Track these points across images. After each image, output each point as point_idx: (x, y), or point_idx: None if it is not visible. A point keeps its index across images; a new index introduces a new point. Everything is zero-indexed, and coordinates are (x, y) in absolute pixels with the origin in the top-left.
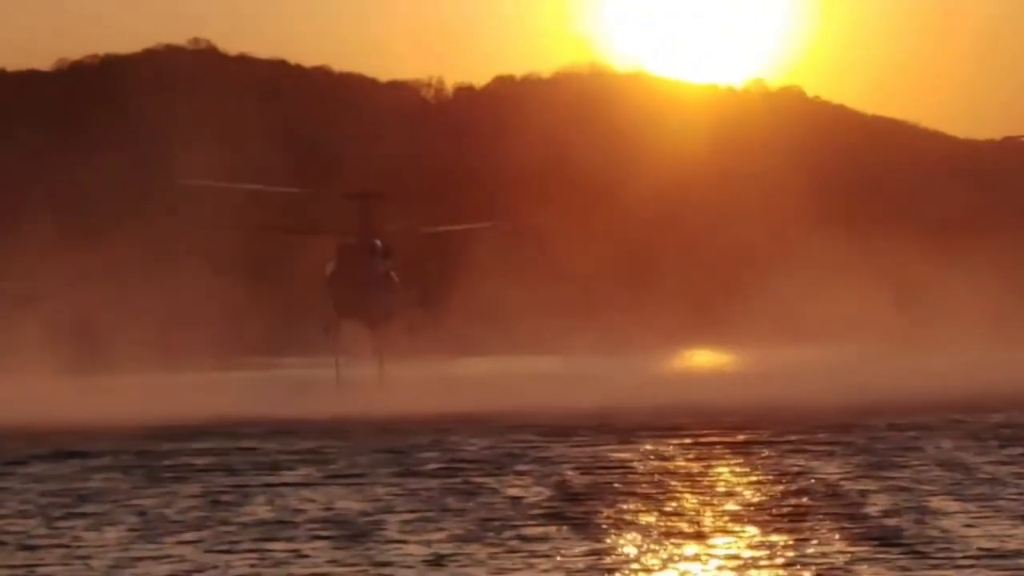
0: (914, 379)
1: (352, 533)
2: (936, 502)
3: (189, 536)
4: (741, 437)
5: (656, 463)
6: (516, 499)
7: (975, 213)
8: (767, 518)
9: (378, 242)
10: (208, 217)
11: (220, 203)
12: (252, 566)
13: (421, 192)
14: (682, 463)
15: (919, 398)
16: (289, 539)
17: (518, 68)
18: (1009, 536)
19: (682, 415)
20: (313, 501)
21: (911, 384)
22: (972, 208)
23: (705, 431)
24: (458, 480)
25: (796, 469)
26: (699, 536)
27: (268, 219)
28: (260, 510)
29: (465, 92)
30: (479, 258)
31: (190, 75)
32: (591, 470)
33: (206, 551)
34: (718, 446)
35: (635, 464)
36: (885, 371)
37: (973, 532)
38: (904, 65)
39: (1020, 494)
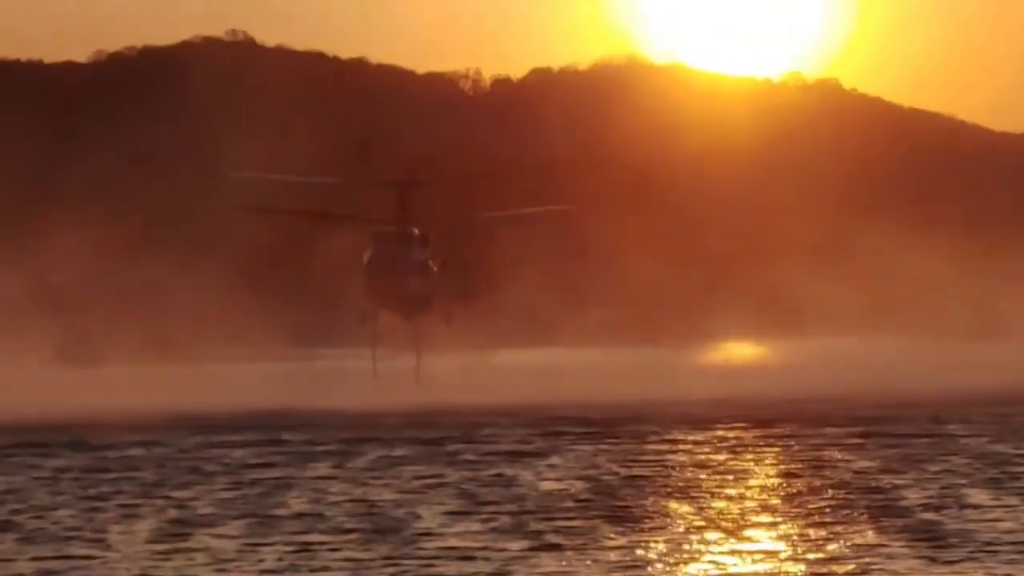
0: (953, 373)
1: (383, 527)
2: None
3: (222, 529)
4: (779, 430)
5: (688, 456)
6: (549, 492)
7: (1013, 207)
8: (802, 511)
9: (415, 230)
10: (249, 206)
11: (261, 192)
12: (279, 559)
13: (461, 180)
14: (716, 456)
15: (959, 391)
16: (321, 531)
17: (555, 60)
18: None
19: (721, 407)
20: (346, 494)
21: (948, 377)
22: (1010, 202)
23: (742, 423)
24: (492, 472)
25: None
26: (731, 530)
27: (307, 208)
28: (293, 502)
29: (502, 84)
30: (520, 248)
31: (228, 67)
32: (626, 463)
33: (240, 544)
34: (756, 439)
35: (669, 457)
36: (923, 363)
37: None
38: (941, 58)
39: None
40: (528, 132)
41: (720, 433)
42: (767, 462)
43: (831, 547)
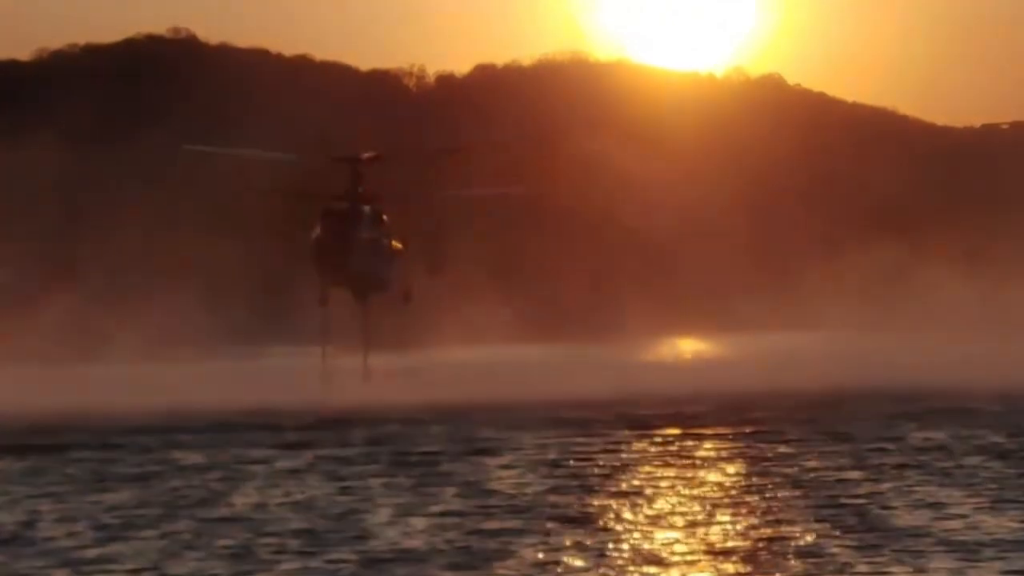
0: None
1: (330, 529)
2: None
3: (153, 533)
4: (748, 429)
5: (638, 454)
6: (498, 492)
7: (952, 199)
8: (756, 508)
9: (367, 207)
10: (202, 186)
11: (214, 174)
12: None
13: (416, 157)
14: (673, 450)
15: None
16: (269, 534)
17: (500, 56)
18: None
19: (676, 404)
20: (294, 493)
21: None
22: (949, 194)
23: (699, 422)
24: (438, 470)
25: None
26: (683, 527)
27: (260, 188)
28: (238, 503)
29: (447, 80)
30: (472, 234)
31: (171, 64)
32: (582, 461)
33: (175, 547)
34: (710, 437)
35: (619, 454)
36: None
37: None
38: (884, 52)
39: None
40: (473, 129)
41: (660, 431)
42: (709, 462)
43: (775, 547)
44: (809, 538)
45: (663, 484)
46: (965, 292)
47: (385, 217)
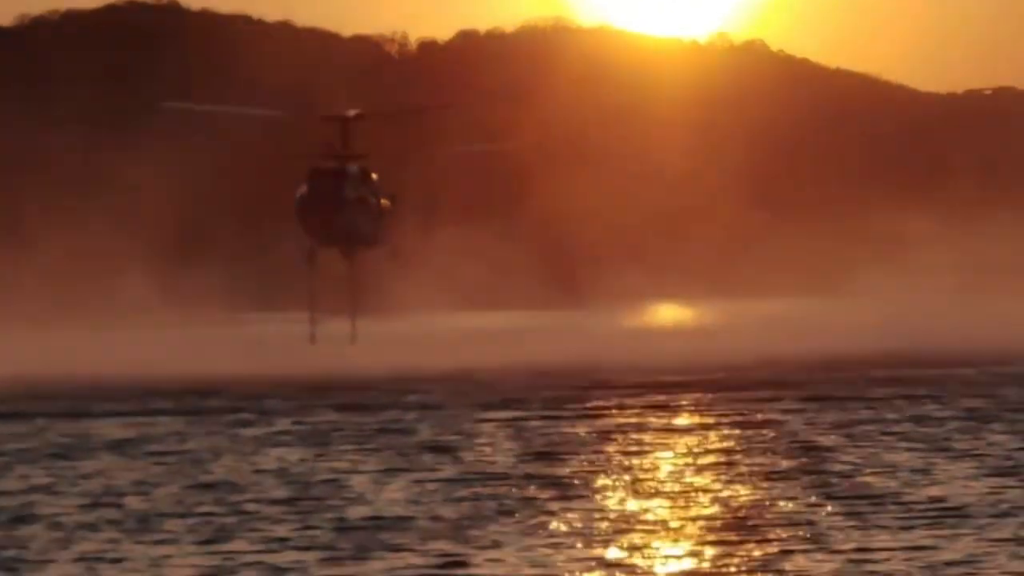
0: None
1: (313, 496)
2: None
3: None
4: (710, 394)
5: (619, 421)
6: (484, 460)
7: (936, 164)
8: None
9: (354, 166)
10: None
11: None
12: (195, 529)
13: (405, 114)
14: (653, 419)
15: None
16: (248, 501)
17: (482, 22)
18: None
19: (655, 372)
20: (279, 460)
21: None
22: (933, 159)
23: (680, 386)
24: (423, 439)
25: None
26: (669, 496)
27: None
28: (219, 469)
29: (429, 47)
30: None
31: (153, 30)
32: (566, 430)
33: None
34: (690, 402)
35: (604, 424)
36: (846, 323)
37: None
38: (867, 18)
39: None
40: (455, 95)
41: (651, 398)
42: (690, 430)
43: (754, 521)
44: (793, 505)
45: (644, 451)
46: (951, 255)
47: (375, 175)
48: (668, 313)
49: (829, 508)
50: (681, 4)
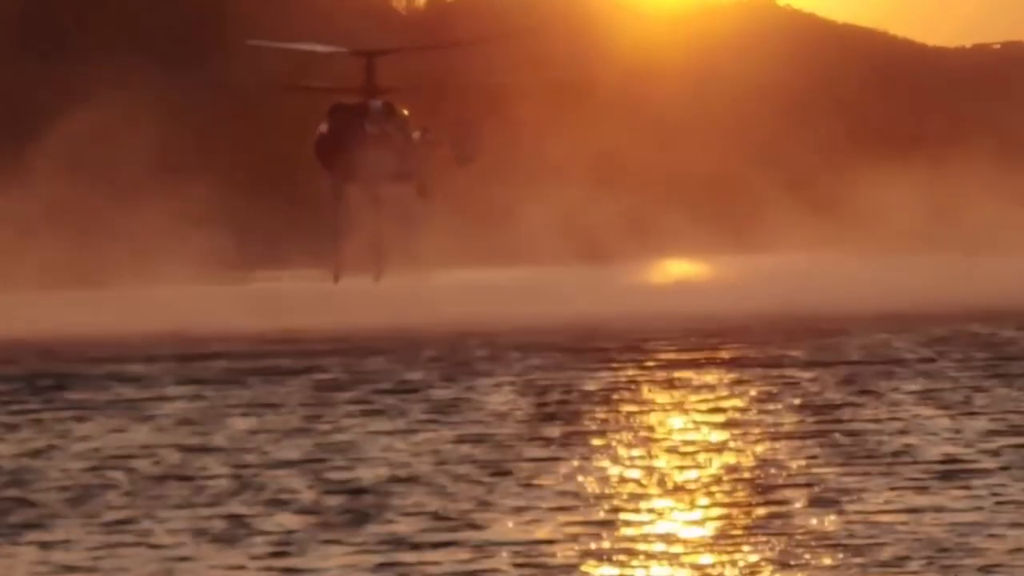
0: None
1: (313, 456)
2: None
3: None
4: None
5: (623, 380)
6: (486, 418)
7: (947, 120)
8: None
9: (379, 102)
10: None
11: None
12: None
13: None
14: (662, 377)
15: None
16: (251, 465)
17: None
18: None
19: (665, 329)
20: (278, 423)
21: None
22: (944, 115)
23: (682, 346)
24: (428, 396)
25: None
26: (677, 455)
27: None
28: (217, 434)
29: (437, 4)
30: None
31: None
32: (567, 387)
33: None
34: (700, 363)
35: (603, 380)
36: (870, 281)
37: None
38: None
39: None
40: (463, 53)
41: (663, 355)
42: (698, 388)
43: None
44: (804, 463)
45: (651, 411)
46: (954, 210)
47: (405, 112)
48: (678, 268)
49: (840, 467)
50: None
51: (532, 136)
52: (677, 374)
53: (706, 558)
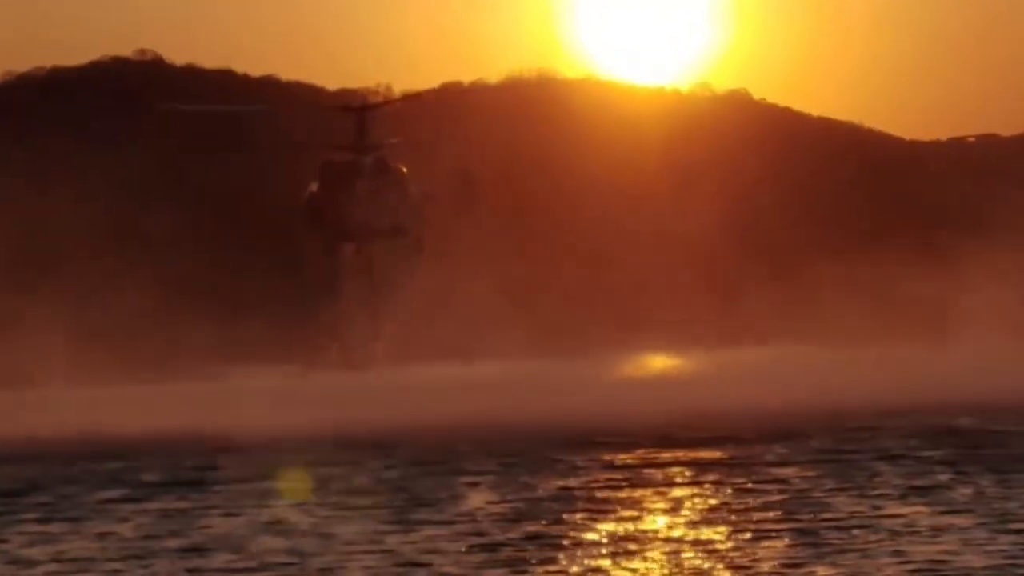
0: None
1: (295, 550)
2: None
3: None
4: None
5: (606, 476)
6: (471, 518)
7: (920, 212)
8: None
9: (367, 158)
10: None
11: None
12: None
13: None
14: (648, 472)
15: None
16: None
17: (466, 75)
18: None
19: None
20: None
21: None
22: (916, 208)
23: (674, 439)
24: (412, 495)
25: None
26: (659, 550)
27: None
28: (207, 531)
29: (412, 98)
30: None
31: (138, 86)
32: (551, 485)
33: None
34: (671, 463)
35: (585, 477)
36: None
37: None
38: (850, 67)
39: None
40: (440, 147)
41: (652, 453)
42: (680, 483)
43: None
44: (787, 560)
45: (634, 505)
46: (937, 300)
47: (404, 169)
48: (656, 363)
49: (822, 566)
50: (664, 54)
51: (515, 234)
52: (659, 471)
53: None
